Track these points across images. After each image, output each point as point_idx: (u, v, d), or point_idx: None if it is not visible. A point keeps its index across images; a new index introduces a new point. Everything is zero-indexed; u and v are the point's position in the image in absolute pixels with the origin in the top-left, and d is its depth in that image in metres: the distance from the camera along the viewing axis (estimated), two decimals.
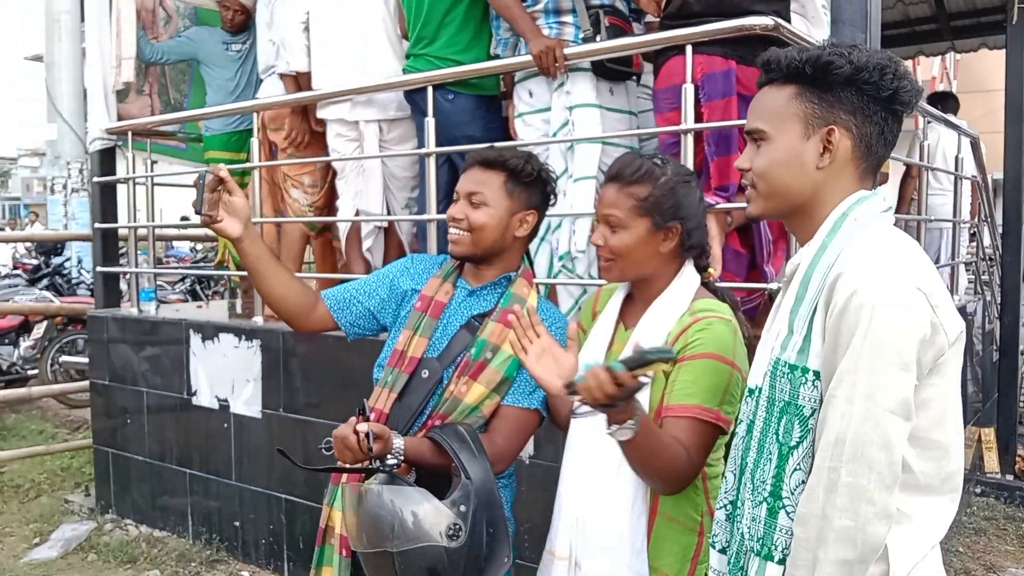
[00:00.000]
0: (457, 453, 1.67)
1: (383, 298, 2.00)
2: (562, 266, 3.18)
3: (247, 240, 1.82)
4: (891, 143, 1.35)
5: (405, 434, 1.80)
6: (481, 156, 1.91)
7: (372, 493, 1.61)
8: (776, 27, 2.51)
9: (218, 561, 3.94)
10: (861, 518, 1.16)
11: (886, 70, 1.27)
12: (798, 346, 1.28)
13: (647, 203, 1.66)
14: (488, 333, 1.86)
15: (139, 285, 4.59)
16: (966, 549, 4.19)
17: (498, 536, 1.65)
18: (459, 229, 1.87)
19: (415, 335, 1.90)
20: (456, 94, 3.31)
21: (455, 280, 1.96)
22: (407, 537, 1.58)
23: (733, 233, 2.77)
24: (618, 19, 3.13)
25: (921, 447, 1.24)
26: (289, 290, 1.92)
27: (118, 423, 4.48)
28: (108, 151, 4.69)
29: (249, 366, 3.83)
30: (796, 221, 1.38)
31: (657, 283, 1.72)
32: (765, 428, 1.31)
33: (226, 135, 4.58)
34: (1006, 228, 5.17)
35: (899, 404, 1.17)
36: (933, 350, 1.21)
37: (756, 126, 1.36)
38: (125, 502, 4.47)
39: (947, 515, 1.30)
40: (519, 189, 1.88)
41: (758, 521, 1.28)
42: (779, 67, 1.33)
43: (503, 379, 1.83)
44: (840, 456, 1.17)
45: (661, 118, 2.88)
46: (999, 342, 5.19)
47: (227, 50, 4.68)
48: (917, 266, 1.24)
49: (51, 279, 7.97)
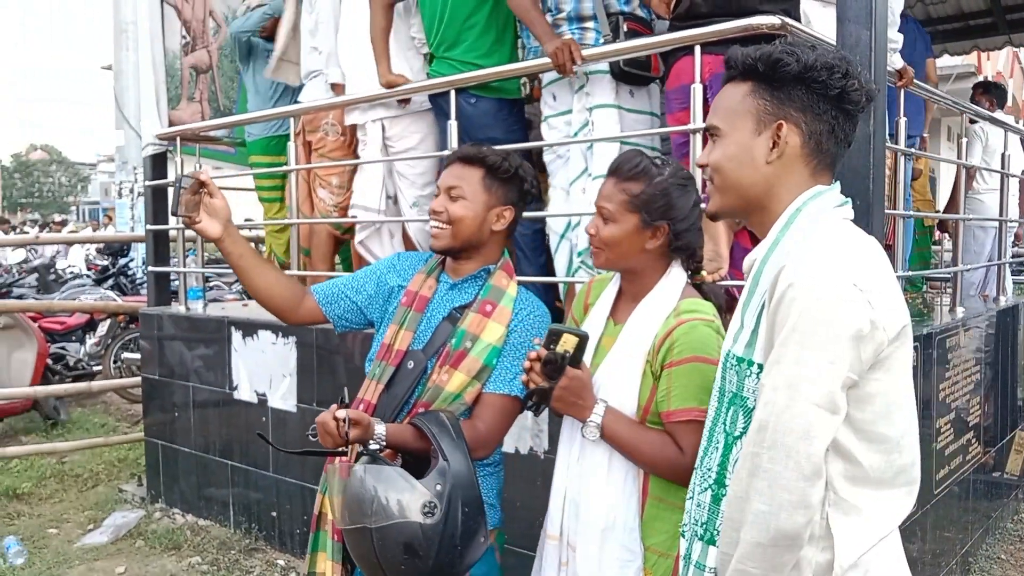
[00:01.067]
0: (436, 437, 1.75)
1: (370, 294, 2.09)
2: (581, 262, 3.23)
3: (227, 240, 1.92)
4: (844, 141, 1.37)
5: (392, 421, 1.89)
6: (461, 152, 1.99)
7: (355, 474, 1.70)
8: (783, 26, 2.52)
9: (256, 550, 4.09)
10: (775, 504, 1.18)
11: (835, 69, 1.30)
12: (746, 339, 1.32)
13: (638, 200, 1.73)
14: (468, 324, 1.93)
15: (187, 284, 4.79)
16: (1009, 556, 4.08)
17: (474, 516, 1.72)
18: (439, 222, 1.95)
19: (401, 329, 1.98)
20: (479, 98, 3.39)
21: (438, 275, 2.04)
22: (385, 514, 1.65)
23: (742, 231, 2.78)
24: (637, 24, 3.17)
25: (867, 440, 1.26)
26: (275, 285, 2.02)
27: (167, 416, 4.69)
28: (159, 156, 4.91)
29: (286, 362, 3.97)
30: (754, 218, 1.41)
31: (645, 279, 1.78)
32: (716, 418, 1.36)
33: (266, 140, 4.73)
34: None
35: (824, 397, 1.19)
36: (872, 345, 1.22)
37: (712, 122, 1.41)
38: (173, 492, 4.67)
39: (901, 507, 1.32)
40: (497, 185, 1.96)
41: (702, 507, 1.34)
42: (736, 65, 1.38)
43: (483, 367, 1.91)
44: (762, 443, 1.20)
45: (672, 118, 2.92)
46: None
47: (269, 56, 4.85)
48: (858, 263, 1.26)
49: (116, 279, 8.32)
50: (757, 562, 1.20)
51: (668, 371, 1.68)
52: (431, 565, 1.67)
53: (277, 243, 4.91)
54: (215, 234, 1.91)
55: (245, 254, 1.97)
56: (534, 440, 3.04)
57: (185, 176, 1.85)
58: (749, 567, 1.21)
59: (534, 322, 1.97)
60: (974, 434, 3.78)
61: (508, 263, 2.05)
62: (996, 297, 4.48)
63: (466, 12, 3.37)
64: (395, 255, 2.19)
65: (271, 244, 5.02)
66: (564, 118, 3.31)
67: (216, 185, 1.90)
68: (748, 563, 1.21)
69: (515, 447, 3.06)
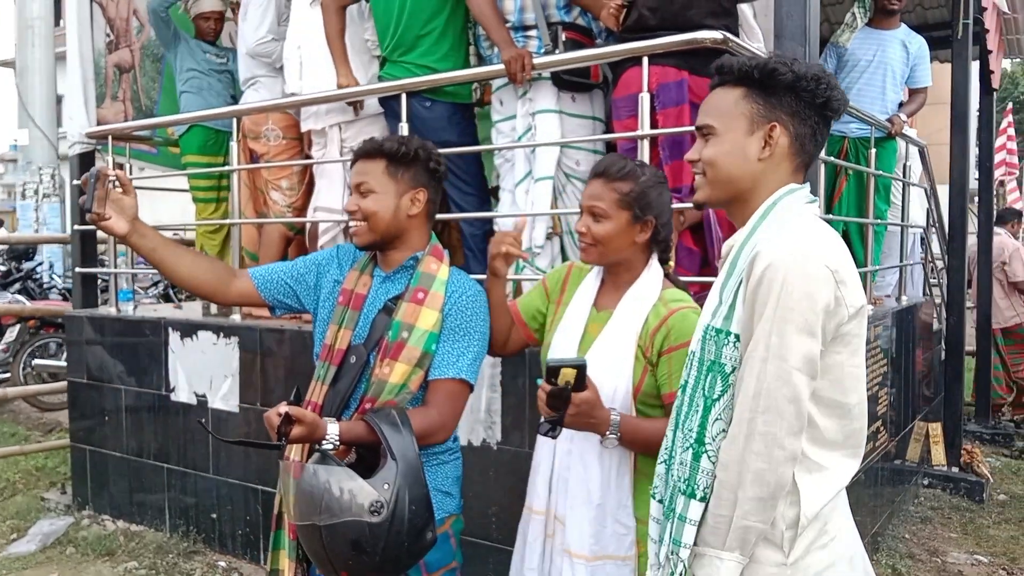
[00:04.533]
0: (385, 435, 1.80)
1: (310, 284, 2.13)
2: (526, 262, 3.36)
3: (135, 236, 1.93)
4: (821, 144, 1.56)
5: (338, 416, 1.94)
6: (360, 149, 2.04)
7: (306, 471, 1.75)
8: (725, 40, 2.72)
9: (195, 552, 4.06)
10: (774, 461, 1.36)
11: (821, 80, 1.48)
12: (724, 313, 1.48)
13: (629, 197, 1.90)
14: (402, 314, 1.96)
15: (117, 285, 4.70)
16: (912, 536, 4.42)
17: (421, 513, 1.78)
18: (355, 220, 2.00)
19: (340, 329, 2.02)
20: (433, 101, 3.47)
21: (372, 270, 2.08)
22: (333, 512, 1.71)
23: (686, 232, 2.97)
24: (578, 34, 3.33)
25: (824, 406, 1.43)
26: (197, 269, 2.04)
27: (96, 421, 4.58)
28: (87, 155, 4.79)
29: (227, 362, 3.96)
30: (736, 208, 1.57)
31: (629, 270, 1.96)
32: (695, 385, 1.51)
33: (202, 139, 4.69)
34: (951, 233, 5.41)
35: (804, 363, 1.36)
36: (835, 320, 1.39)
37: (707, 122, 1.55)
38: (102, 498, 4.56)
39: (850, 467, 1.49)
40: (402, 170, 2.01)
41: (685, 465, 1.47)
42: (731, 72, 1.54)
43: (423, 354, 1.95)
44: (757, 408, 1.37)
45: (620, 124, 3.08)
46: (945, 341, 5.43)
47: (205, 54, 4.81)
48: (827, 247, 1.43)
49: (23, 284, 7.98)
50: (759, 515, 1.37)
51: (668, 356, 1.84)
52: (378, 560, 1.74)
53: (210, 243, 4.86)
54: (122, 231, 1.90)
55: (157, 247, 1.98)
56: (487, 432, 3.15)
57: (95, 171, 1.84)
58: (753, 521, 1.37)
59: (467, 302, 2.00)
60: (881, 423, 4.09)
61: (436, 247, 2.08)
62: (899, 297, 4.83)
63: (424, 17, 3.44)
64: (336, 247, 2.21)
65: (202, 244, 4.97)
66: (510, 123, 3.44)
67: (129, 181, 1.91)
68: (752, 518, 1.37)
69: (468, 439, 3.16)
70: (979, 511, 4.82)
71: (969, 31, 5.19)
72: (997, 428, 6.46)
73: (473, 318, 2.01)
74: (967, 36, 5.22)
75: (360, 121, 3.73)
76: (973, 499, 4.95)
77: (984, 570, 4.03)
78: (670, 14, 2.88)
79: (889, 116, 4.70)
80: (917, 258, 5.73)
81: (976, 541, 4.38)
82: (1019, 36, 6.68)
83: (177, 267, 2.01)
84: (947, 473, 5.14)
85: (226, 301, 2.13)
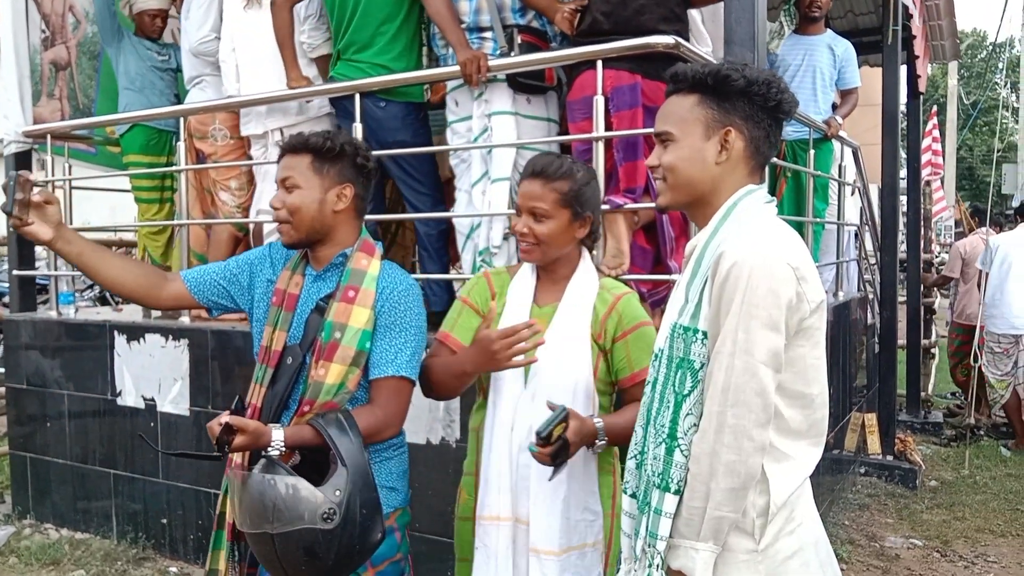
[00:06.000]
0: (335, 441, 1.80)
1: (243, 285, 2.12)
2: (482, 261, 3.40)
3: (60, 242, 1.91)
4: (775, 145, 1.62)
5: (276, 419, 1.94)
6: (287, 144, 2.03)
7: (253, 479, 1.75)
8: (677, 45, 2.80)
9: (145, 559, 3.99)
10: (744, 452, 1.41)
11: (772, 84, 1.54)
12: (691, 312, 1.53)
13: (569, 196, 1.94)
14: (333, 314, 1.94)
15: (58, 288, 4.58)
16: (851, 522, 4.60)
17: (371, 516, 1.80)
18: (280, 217, 1.98)
19: (275, 330, 2.01)
20: (388, 101, 3.47)
21: (303, 269, 2.07)
22: (285, 520, 1.72)
23: (639, 231, 3.05)
24: (533, 36, 3.38)
25: (789, 397, 1.48)
26: (124, 274, 2.01)
27: (36, 428, 4.46)
28: (23, 154, 4.66)
29: (177, 365, 3.90)
30: (697, 210, 1.61)
31: (567, 265, 2.01)
32: (665, 382, 1.56)
33: (144, 139, 4.60)
34: (883, 231, 5.62)
35: (770, 357, 1.42)
36: (798, 315, 1.46)
37: (665, 129, 1.59)
38: (44, 506, 4.44)
39: (814, 455, 1.55)
40: (327, 166, 1.98)
41: (658, 459, 1.52)
42: (685, 79, 1.58)
43: (357, 353, 1.93)
44: (726, 402, 1.42)
45: (575, 127, 3.14)
46: (879, 336, 5.65)
47: (148, 51, 4.72)
48: (787, 246, 1.49)
49: None
50: (731, 505, 1.42)
51: (623, 341, 1.91)
52: (331, 564, 1.76)
53: (154, 244, 4.77)
54: (46, 237, 1.88)
55: (83, 251, 1.95)
56: (445, 431, 3.18)
57: (15, 174, 1.81)
58: (725, 511, 1.42)
59: (399, 297, 1.98)
60: None
61: (367, 242, 2.05)
62: (836, 292, 5.02)
63: (381, 16, 3.44)
64: (268, 245, 2.18)
65: (146, 245, 4.87)
66: (466, 124, 3.47)
67: (52, 195, 1.88)
68: (724, 508, 1.42)
69: (427, 438, 3.18)
70: (913, 497, 5.04)
71: (898, 37, 5.41)
72: (927, 418, 6.75)
73: (407, 312, 1.98)
74: (896, 42, 5.43)
75: (304, 124, 3.71)
76: (907, 486, 5.17)
77: (919, 553, 4.22)
78: (623, 19, 2.94)
79: (825, 118, 4.88)
80: (852, 255, 5.94)
81: (911, 526, 4.58)
82: (943, 42, 6.98)
83: (106, 272, 1.99)
84: (882, 461, 5.35)
85: (158, 305, 2.11)
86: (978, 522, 4.63)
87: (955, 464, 5.79)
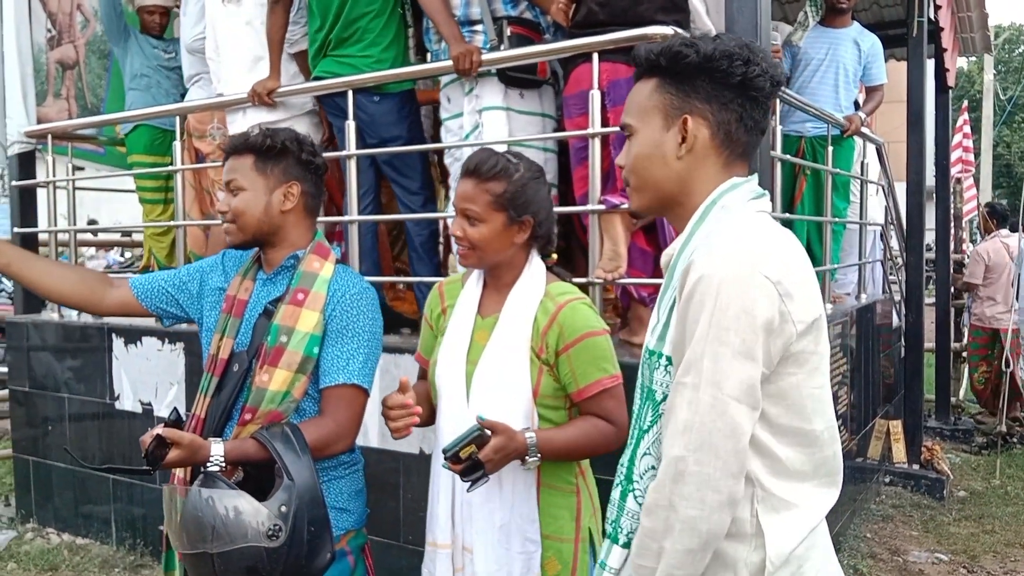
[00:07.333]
0: (280, 454, 1.69)
1: (192, 293, 2.04)
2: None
3: None
4: (756, 129, 1.34)
5: (220, 430, 1.83)
6: (230, 145, 1.95)
7: (191, 495, 1.62)
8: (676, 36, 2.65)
9: (142, 566, 3.92)
10: (707, 507, 1.16)
11: (735, 57, 1.26)
12: (658, 332, 1.30)
13: (503, 199, 1.76)
14: (280, 317, 1.85)
15: None
16: (873, 535, 4.41)
17: (319, 534, 1.69)
18: (227, 220, 1.91)
19: (223, 338, 1.91)
20: (382, 96, 3.38)
21: (255, 274, 1.97)
22: (226, 539, 1.60)
23: (639, 232, 2.90)
24: (524, 28, 3.25)
25: (782, 435, 1.24)
26: (63, 281, 1.96)
27: (39, 431, 4.42)
28: (28, 155, 4.64)
29: (173, 369, 3.83)
30: (672, 213, 1.37)
31: (510, 271, 1.83)
32: (635, 414, 1.36)
33: (148, 139, 4.56)
34: (909, 230, 5.41)
35: (743, 392, 1.17)
36: (781, 339, 1.19)
37: (626, 120, 1.37)
38: (47, 510, 4.41)
39: (826, 498, 1.31)
40: (271, 165, 1.90)
41: (613, 504, 1.33)
42: (640, 62, 1.36)
43: (304, 358, 1.83)
44: (688, 445, 1.17)
45: (571, 123, 3.01)
46: (905, 338, 5.44)
47: (154, 49, 4.67)
48: (768, 254, 1.22)
49: None
50: (687, 569, 1.19)
51: (566, 354, 1.74)
52: None
53: (159, 246, 4.73)
54: None
55: (12, 261, 1.90)
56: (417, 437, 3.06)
57: None
58: (678, 575, 1.19)
59: (351, 301, 1.88)
60: (842, 422, 4.07)
61: (320, 244, 1.97)
62: (859, 295, 4.82)
63: (368, 8, 3.35)
64: (222, 253, 2.11)
65: (151, 247, 4.83)
66: (458, 120, 3.35)
67: None
68: (678, 572, 1.19)
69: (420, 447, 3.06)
70: (939, 508, 4.83)
71: (924, 29, 5.20)
72: (957, 425, 6.50)
73: (359, 317, 1.87)
74: (922, 34, 5.23)
75: (287, 120, 3.62)
76: (934, 496, 4.96)
77: (944, 568, 4.02)
78: (620, 9, 2.81)
79: (846, 114, 4.69)
80: (877, 256, 5.73)
81: (937, 539, 4.38)
82: (973, 35, 6.73)
83: (40, 280, 1.93)
84: (908, 471, 5.15)
85: (100, 311, 2.04)
86: (1008, 536, 4.42)
87: (986, 474, 5.56)
